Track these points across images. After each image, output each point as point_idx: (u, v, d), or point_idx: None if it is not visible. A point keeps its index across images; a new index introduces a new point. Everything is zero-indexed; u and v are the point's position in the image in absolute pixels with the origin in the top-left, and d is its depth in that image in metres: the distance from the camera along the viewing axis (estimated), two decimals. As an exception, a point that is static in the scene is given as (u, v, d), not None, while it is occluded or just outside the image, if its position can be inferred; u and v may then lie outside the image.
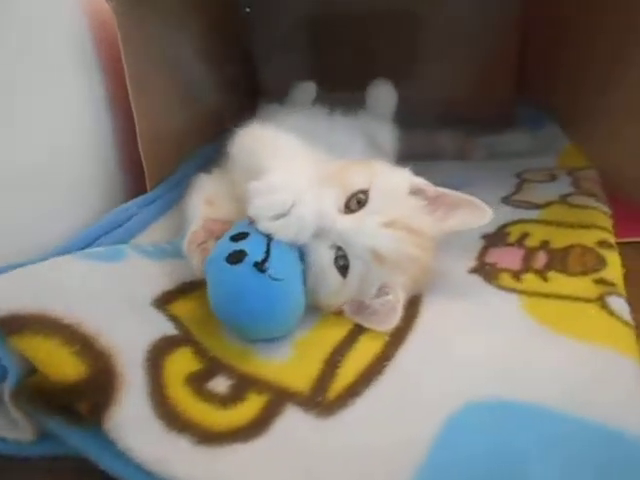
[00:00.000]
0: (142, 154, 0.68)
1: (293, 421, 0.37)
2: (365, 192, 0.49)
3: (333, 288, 0.48)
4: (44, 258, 0.45)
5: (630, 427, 0.34)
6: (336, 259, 0.48)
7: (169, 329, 0.44)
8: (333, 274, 0.48)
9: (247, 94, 1.23)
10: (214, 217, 0.55)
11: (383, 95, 0.94)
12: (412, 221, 0.49)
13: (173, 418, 0.36)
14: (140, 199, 0.67)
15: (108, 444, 0.33)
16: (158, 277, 0.51)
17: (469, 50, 1.28)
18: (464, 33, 1.26)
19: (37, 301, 0.37)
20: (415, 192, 0.53)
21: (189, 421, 0.36)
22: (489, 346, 0.44)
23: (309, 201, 0.46)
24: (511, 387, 0.38)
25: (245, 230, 0.45)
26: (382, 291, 0.50)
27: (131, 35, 0.64)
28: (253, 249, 0.43)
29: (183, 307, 0.49)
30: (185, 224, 0.57)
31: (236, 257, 0.42)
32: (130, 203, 0.66)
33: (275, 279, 0.42)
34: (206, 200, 0.58)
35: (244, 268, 0.42)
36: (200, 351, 0.44)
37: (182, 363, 0.42)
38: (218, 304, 0.44)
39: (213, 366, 0.43)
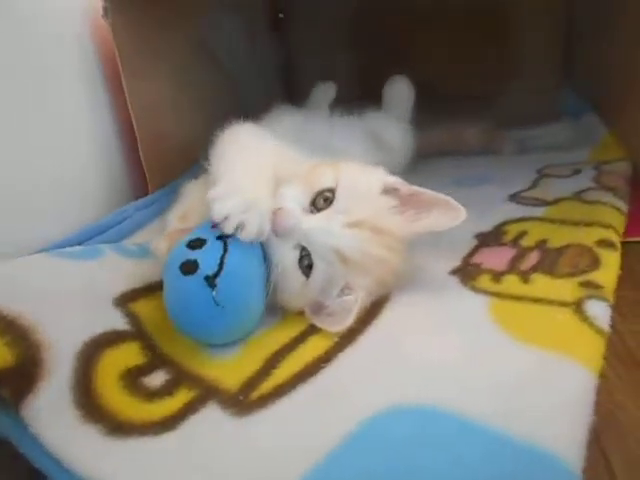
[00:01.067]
0: (143, 161, 0.71)
1: (207, 419, 0.37)
2: (332, 191, 0.48)
3: (296, 288, 0.48)
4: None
5: (558, 450, 0.30)
6: (300, 259, 0.47)
7: (121, 325, 0.46)
8: (296, 274, 0.47)
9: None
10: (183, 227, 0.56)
11: (399, 92, 0.92)
12: (380, 221, 0.48)
13: (92, 409, 0.37)
14: (138, 202, 0.70)
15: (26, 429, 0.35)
16: (129, 275, 0.53)
17: (514, 43, 1.21)
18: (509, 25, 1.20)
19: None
20: (389, 191, 0.51)
21: (107, 413, 0.37)
22: (439, 351, 0.42)
23: (263, 201, 0.46)
24: (445, 396, 0.36)
25: (202, 236, 0.45)
26: (343, 292, 0.48)
27: (127, 47, 0.68)
28: (206, 261, 0.43)
29: (145, 305, 0.50)
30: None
31: (189, 268, 0.42)
32: (128, 206, 0.69)
33: (218, 304, 0.42)
34: (180, 216, 0.58)
35: (195, 281, 0.42)
36: (149, 347, 0.46)
37: (124, 357, 0.43)
38: (169, 309, 0.44)
39: (157, 361, 0.44)
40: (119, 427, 0.36)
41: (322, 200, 0.48)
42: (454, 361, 0.40)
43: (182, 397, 0.40)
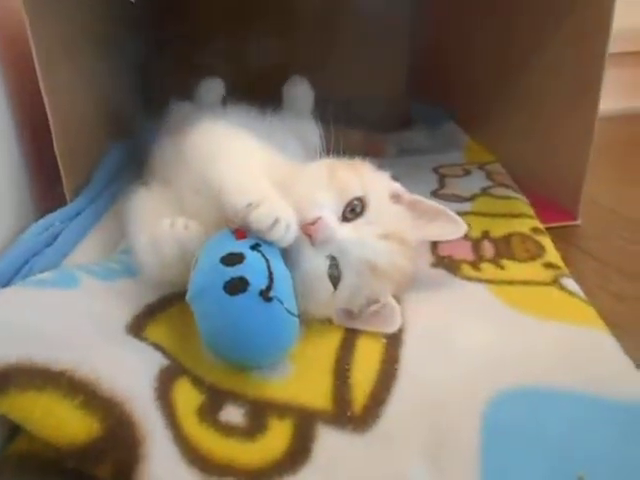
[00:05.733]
0: (59, 157, 0.58)
1: (332, 442, 0.35)
2: (360, 199, 0.47)
3: (324, 298, 0.46)
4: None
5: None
6: (329, 269, 0.46)
7: (160, 359, 0.39)
8: (326, 284, 0.45)
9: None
10: None
11: (301, 92, 0.93)
12: (403, 232, 0.49)
13: (204, 462, 0.31)
14: (61, 212, 0.57)
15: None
16: (120, 301, 0.44)
17: (360, 49, 1.32)
18: (356, 32, 1.30)
19: (10, 348, 0.29)
20: (393, 197, 0.52)
21: (222, 463, 0.32)
22: (483, 338, 0.45)
23: (283, 204, 0.44)
24: (524, 375, 0.40)
25: (237, 250, 0.40)
26: (370, 300, 0.48)
27: (42, 28, 0.54)
28: (255, 275, 0.38)
29: (156, 332, 0.43)
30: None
31: (237, 286, 0.37)
32: (51, 217, 0.56)
33: (291, 313, 0.39)
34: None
35: (249, 299, 0.37)
36: (196, 380, 0.39)
37: (186, 396, 0.37)
38: (217, 338, 0.39)
39: (215, 395, 0.38)
40: (250, 476, 0.31)
41: (350, 209, 0.47)
42: (507, 347, 0.44)
43: (280, 428, 0.36)
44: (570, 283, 0.54)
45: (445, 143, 1.08)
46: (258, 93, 0.74)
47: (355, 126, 1.11)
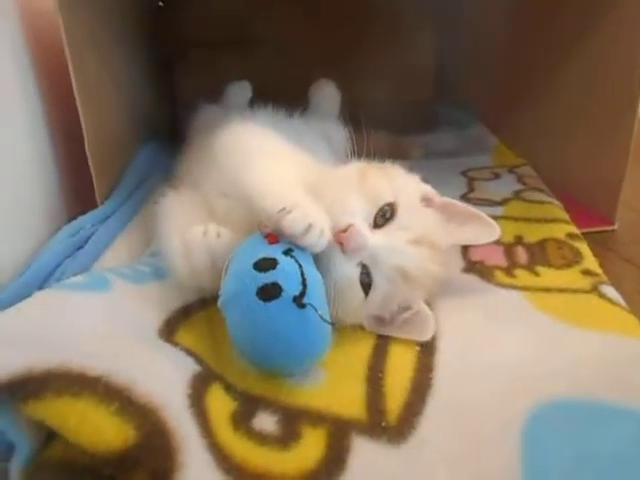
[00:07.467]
0: (90, 162, 0.58)
1: (367, 453, 0.34)
2: (391, 205, 0.46)
3: (355, 305, 0.45)
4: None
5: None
6: (360, 276, 0.45)
7: (192, 365, 0.38)
8: (357, 291, 0.45)
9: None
10: None
11: (328, 95, 0.92)
12: (434, 237, 0.48)
13: (239, 471, 0.31)
14: (92, 215, 0.58)
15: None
16: (152, 305, 0.44)
17: (388, 50, 1.30)
18: (383, 34, 1.29)
19: (47, 352, 0.29)
20: (424, 200, 0.51)
21: (257, 472, 0.31)
22: (521, 347, 0.44)
23: (317, 210, 0.43)
24: (564, 386, 0.39)
25: (269, 255, 0.39)
26: (401, 306, 0.47)
27: (76, 33, 0.55)
28: (288, 281, 0.38)
29: (187, 337, 0.43)
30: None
31: (270, 292, 0.37)
32: (81, 220, 0.56)
33: (324, 320, 0.38)
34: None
35: (282, 305, 0.37)
36: (228, 386, 0.39)
37: (219, 403, 0.36)
38: (249, 345, 0.39)
39: (248, 402, 0.38)
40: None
41: (381, 215, 0.46)
42: (545, 356, 0.43)
43: (314, 437, 0.35)
44: (610, 291, 0.52)
45: (472, 145, 1.06)
46: (284, 96, 0.74)
47: (382, 128, 1.11)
